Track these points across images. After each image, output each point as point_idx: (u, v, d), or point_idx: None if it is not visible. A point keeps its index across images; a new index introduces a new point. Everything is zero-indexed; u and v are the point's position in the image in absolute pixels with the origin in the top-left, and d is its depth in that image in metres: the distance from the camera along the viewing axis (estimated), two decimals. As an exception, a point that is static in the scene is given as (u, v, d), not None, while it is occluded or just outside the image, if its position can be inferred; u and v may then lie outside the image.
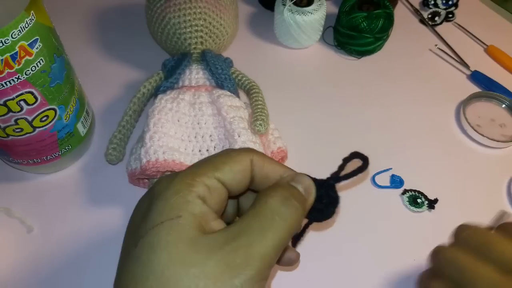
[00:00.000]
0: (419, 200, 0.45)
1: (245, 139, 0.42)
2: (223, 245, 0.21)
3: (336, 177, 0.27)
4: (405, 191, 0.46)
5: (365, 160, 0.27)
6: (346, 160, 0.28)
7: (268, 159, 0.26)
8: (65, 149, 0.45)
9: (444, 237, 0.45)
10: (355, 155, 0.28)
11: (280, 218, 0.22)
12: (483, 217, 0.47)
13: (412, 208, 0.45)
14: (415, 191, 0.46)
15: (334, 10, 0.65)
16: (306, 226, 0.30)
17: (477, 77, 0.59)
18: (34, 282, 0.41)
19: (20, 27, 0.34)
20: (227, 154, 0.25)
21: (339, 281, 0.41)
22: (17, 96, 0.37)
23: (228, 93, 0.46)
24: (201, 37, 0.50)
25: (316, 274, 0.42)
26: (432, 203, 0.46)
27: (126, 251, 0.23)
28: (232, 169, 0.24)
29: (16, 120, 0.39)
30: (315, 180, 0.27)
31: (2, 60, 0.34)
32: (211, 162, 0.24)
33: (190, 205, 0.22)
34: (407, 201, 0.45)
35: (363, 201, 0.47)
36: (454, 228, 0.33)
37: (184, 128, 0.44)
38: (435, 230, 0.45)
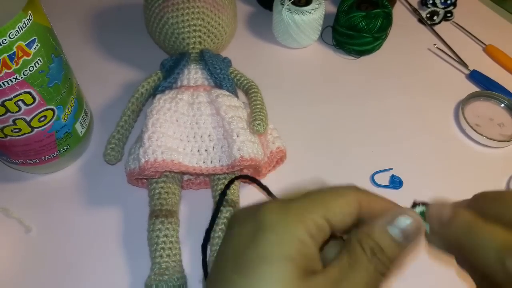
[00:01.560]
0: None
1: (243, 139, 0.42)
2: None
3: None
4: (414, 205, 0.30)
5: None
6: None
7: (374, 197, 0.25)
8: (64, 149, 0.45)
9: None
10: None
11: (368, 273, 0.22)
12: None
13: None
14: (424, 204, 0.31)
15: (333, 9, 0.65)
16: None
17: (475, 77, 0.59)
18: (32, 282, 0.41)
19: (18, 27, 0.34)
20: (337, 193, 0.24)
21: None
22: (15, 96, 0.37)
23: (227, 93, 0.46)
24: (200, 36, 0.50)
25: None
26: None
27: (225, 274, 0.22)
28: (342, 211, 0.23)
29: (14, 121, 0.39)
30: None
31: (0, 60, 0.34)
32: (320, 199, 0.23)
33: (303, 245, 0.21)
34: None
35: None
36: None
37: (183, 128, 0.44)
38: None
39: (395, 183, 0.48)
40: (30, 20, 0.35)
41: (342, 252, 0.23)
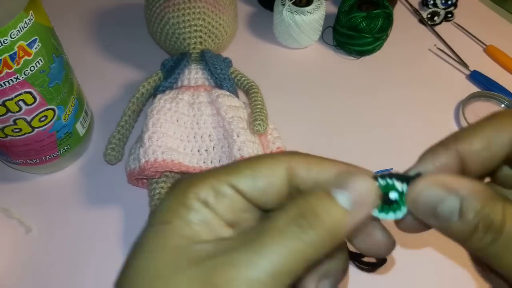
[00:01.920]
0: (393, 196, 0.20)
1: (244, 139, 0.42)
2: (205, 259, 0.17)
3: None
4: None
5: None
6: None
7: (315, 159, 0.20)
8: (64, 149, 0.45)
9: (443, 238, 0.45)
10: None
11: (286, 241, 0.17)
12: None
13: (381, 214, 0.20)
14: (386, 176, 0.21)
15: (334, 10, 0.65)
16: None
17: (476, 77, 0.59)
18: (32, 282, 0.41)
19: (19, 27, 0.34)
20: (257, 158, 0.20)
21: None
22: (16, 96, 0.37)
23: (227, 93, 0.46)
24: (200, 37, 0.50)
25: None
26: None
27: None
28: (254, 175, 0.19)
29: (15, 120, 0.39)
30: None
31: (0, 60, 0.34)
32: (232, 165, 0.20)
33: (186, 210, 0.19)
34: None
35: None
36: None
37: (183, 128, 0.44)
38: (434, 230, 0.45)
39: (396, 183, 0.48)
40: (32, 20, 0.35)
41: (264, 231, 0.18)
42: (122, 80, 0.57)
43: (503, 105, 0.56)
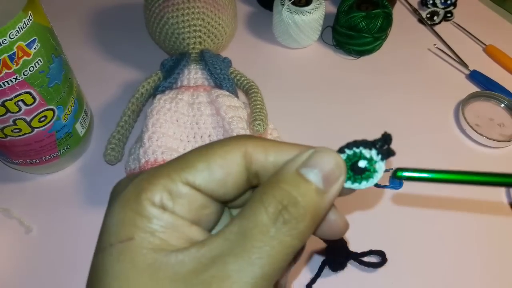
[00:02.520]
0: (362, 164, 0.20)
1: (243, 139, 0.42)
2: (191, 276, 0.15)
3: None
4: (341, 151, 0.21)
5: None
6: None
7: (271, 143, 0.19)
8: (64, 149, 0.45)
9: (444, 238, 0.45)
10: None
11: (274, 240, 0.16)
12: (483, 217, 0.47)
13: (354, 185, 0.20)
14: (351, 145, 0.21)
15: (333, 9, 0.65)
16: (321, 268, 0.25)
17: (476, 77, 0.59)
18: (33, 282, 0.41)
19: (18, 27, 0.34)
20: (207, 147, 0.19)
21: (340, 280, 0.42)
22: (15, 97, 0.37)
23: (227, 93, 0.46)
24: (200, 37, 0.50)
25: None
26: (384, 146, 0.21)
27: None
28: (209, 167, 0.18)
29: (14, 121, 0.39)
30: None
31: (0, 60, 0.34)
32: (182, 159, 0.18)
33: (145, 219, 0.17)
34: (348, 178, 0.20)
35: (361, 198, 0.47)
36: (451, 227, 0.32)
37: (183, 128, 0.44)
38: (434, 230, 0.45)
39: (395, 183, 0.48)
40: (30, 20, 0.35)
41: (234, 218, 0.17)
42: (122, 80, 0.57)
43: (502, 105, 0.56)
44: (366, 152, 0.19)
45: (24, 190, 0.47)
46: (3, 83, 0.35)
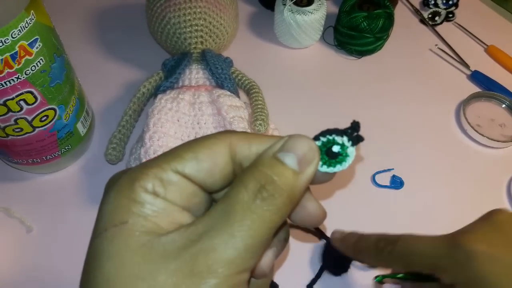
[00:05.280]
0: (335, 149, 0.21)
1: (245, 139, 0.42)
2: (181, 251, 0.17)
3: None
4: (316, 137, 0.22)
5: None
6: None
7: (254, 135, 0.21)
8: (65, 148, 0.45)
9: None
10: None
11: (253, 214, 0.18)
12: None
13: (329, 168, 0.21)
14: (324, 133, 0.22)
15: (335, 9, 0.65)
16: (320, 271, 0.28)
17: (477, 77, 0.59)
18: (33, 281, 0.41)
19: (20, 26, 0.34)
20: (195, 140, 0.20)
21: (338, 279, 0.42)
22: (17, 96, 0.37)
23: (228, 93, 0.46)
24: (201, 36, 0.50)
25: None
26: (353, 132, 0.21)
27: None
28: (197, 157, 0.19)
29: (16, 120, 0.39)
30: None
31: (2, 59, 0.34)
32: (171, 151, 0.20)
33: (138, 204, 0.18)
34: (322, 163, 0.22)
35: (362, 198, 0.47)
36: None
37: (184, 128, 0.44)
38: (434, 230, 0.45)
39: (396, 183, 0.48)
40: (33, 19, 0.35)
41: (219, 200, 0.19)
42: (123, 80, 0.57)
43: (504, 105, 0.56)
44: (338, 139, 0.21)
45: (25, 189, 0.47)
46: (5, 82, 0.35)
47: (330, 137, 0.21)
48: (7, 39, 0.33)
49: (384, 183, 0.48)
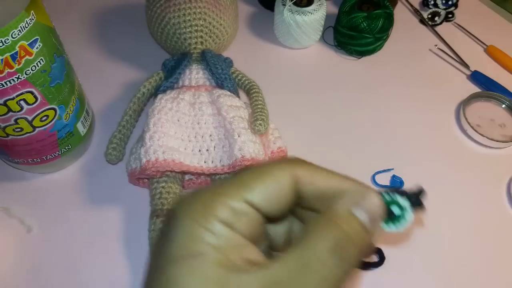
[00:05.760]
0: (396, 210, 0.22)
1: (245, 139, 0.42)
2: None
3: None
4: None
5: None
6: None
7: (319, 171, 0.21)
8: (65, 148, 0.45)
9: (443, 238, 0.45)
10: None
11: (329, 269, 0.18)
12: (483, 217, 0.47)
13: (384, 225, 0.22)
14: (389, 192, 0.23)
15: (334, 10, 0.65)
16: None
17: (477, 77, 0.59)
18: (33, 282, 0.41)
19: (20, 27, 0.34)
20: (260, 169, 0.21)
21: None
22: (17, 96, 0.37)
23: (228, 93, 0.46)
24: (201, 37, 0.50)
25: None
26: (416, 198, 0.23)
27: (149, 273, 0.20)
28: (266, 188, 0.20)
29: (16, 120, 0.39)
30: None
31: (2, 60, 0.34)
32: (239, 180, 0.20)
33: (212, 235, 0.18)
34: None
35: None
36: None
37: (184, 128, 0.44)
38: (434, 229, 0.45)
39: (396, 183, 0.48)
40: (33, 19, 0.35)
41: (293, 246, 0.19)
42: (123, 80, 0.57)
43: (503, 105, 0.56)
44: (401, 201, 0.21)
45: (25, 189, 0.47)
46: (5, 82, 0.35)
47: (394, 197, 0.21)
48: (7, 39, 0.33)
49: (384, 183, 0.48)
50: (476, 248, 0.44)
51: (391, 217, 0.21)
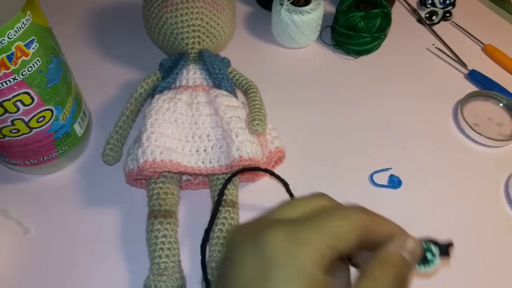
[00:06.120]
0: (429, 256, 0.28)
1: (242, 139, 0.42)
2: None
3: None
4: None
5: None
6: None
7: (378, 220, 0.25)
8: (62, 149, 0.45)
9: (440, 236, 0.45)
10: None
11: None
12: (481, 216, 0.47)
13: (421, 267, 0.28)
14: (425, 240, 0.28)
15: (332, 9, 0.65)
16: None
17: (474, 76, 0.59)
18: (31, 283, 0.41)
19: (16, 27, 0.34)
20: (342, 217, 0.24)
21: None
22: (13, 97, 0.37)
23: (226, 93, 0.46)
24: (198, 37, 0.50)
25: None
26: (446, 248, 0.28)
27: None
28: (347, 237, 0.23)
29: (12, 121, 0.39)
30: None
31: (-2, 60, 0.34)
32: (325, 225, 0.23)
33: (312, 279, 0.21)
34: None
35: (360, 198, 0.47)
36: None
37: (181, 128, 0.44)
38: (433, 229, 0.45)
39: (394, 182, 0.48)
40: (29, 20, 0.35)
41: (362, 282, 0.23)
42: (120, 80, 0.57)
43: (501, 104, 0.56)
44: (434, 249, 0.27)
45: (22, 190, 0.47)
46: (1, 83, 0.35)
47: (429, 246, 0.27)
48: (3, 40, 0.33)
49: (382, 182, 0.48)
50: (474, 247, 0.44)
51: (423, 260, 0.27)
